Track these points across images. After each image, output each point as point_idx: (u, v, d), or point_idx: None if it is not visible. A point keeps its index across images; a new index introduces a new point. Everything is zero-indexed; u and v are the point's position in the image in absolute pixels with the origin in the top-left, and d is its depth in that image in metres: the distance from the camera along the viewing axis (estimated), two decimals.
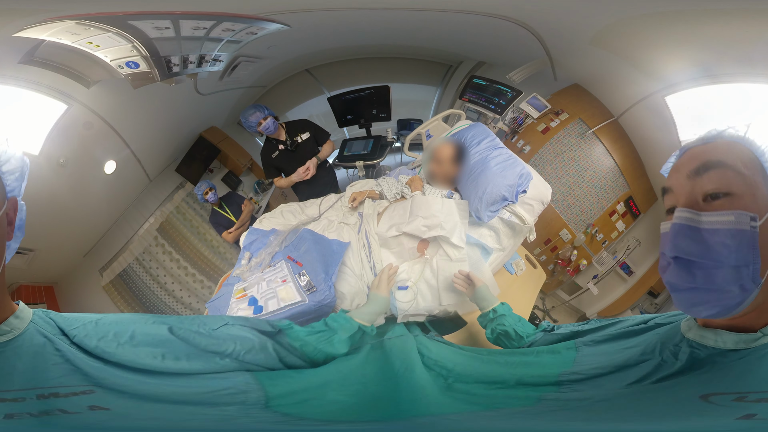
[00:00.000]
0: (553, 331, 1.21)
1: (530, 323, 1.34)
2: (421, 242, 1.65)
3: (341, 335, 1.12)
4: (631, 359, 0.83)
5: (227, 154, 2.84)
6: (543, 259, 2.61)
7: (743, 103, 1.88)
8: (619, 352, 0.89)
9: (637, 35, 2.05)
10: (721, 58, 1.89)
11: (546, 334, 1.22)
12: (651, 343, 0.85)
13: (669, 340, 0.82)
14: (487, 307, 1.39)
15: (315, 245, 1.64)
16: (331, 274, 1.47)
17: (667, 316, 0.95)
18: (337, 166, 2.85)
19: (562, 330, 1.19)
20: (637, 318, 1.02)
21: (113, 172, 2.32)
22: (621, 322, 1.03)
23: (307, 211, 2.06)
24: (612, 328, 1.02)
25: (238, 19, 2.12)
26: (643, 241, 2.58)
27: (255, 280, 1.59)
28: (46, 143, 1.99)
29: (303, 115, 2.79)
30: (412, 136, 2.40)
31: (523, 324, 1.31)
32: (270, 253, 1.73)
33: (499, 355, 1.11)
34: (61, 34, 1.85)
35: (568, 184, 2.54)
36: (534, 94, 2.58)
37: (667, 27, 1.96)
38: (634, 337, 0.93)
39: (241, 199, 2.83)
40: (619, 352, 0.88)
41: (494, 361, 1.06)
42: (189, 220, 2.79)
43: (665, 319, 0.93)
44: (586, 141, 2.51)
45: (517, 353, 1.13)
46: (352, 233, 1.73)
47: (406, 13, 2.24)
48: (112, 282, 2.53)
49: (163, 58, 2.11)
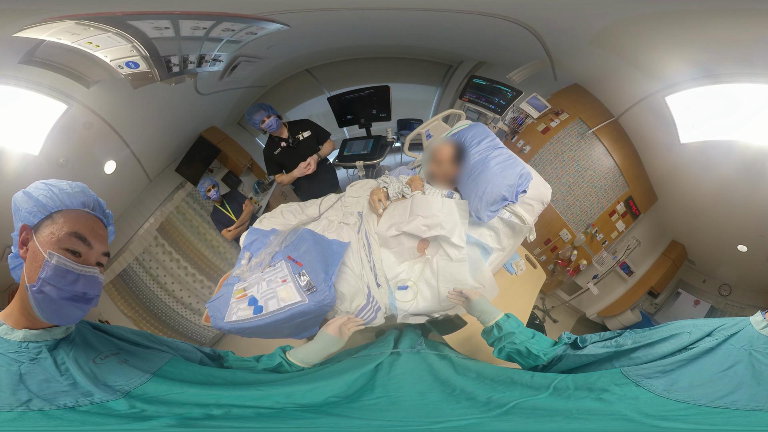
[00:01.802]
0: (581, 347, 1.10)
1: (546, 337, 1.21)
2: (421, 242, 1.65)
3: (259, 367, 1.19)
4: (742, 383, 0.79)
5: (227, 154, 2.84)
6: (543, 259, 2.61)
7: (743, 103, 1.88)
8: (719, 375, 0.82)
9: (638, 35, 2.05)
10: (721, 58, 1.89)
11: (573, 354, 1.10)
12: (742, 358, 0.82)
13: (760, 346, 0.82)
14: (489, 320, 1.27)
15: (315, 245, 1.64)
16: (331, 274, 1.47)
17: (733, 323, 0.91)
18: (337, 166, 2.85)
19: (592, 349, 1.07)
20: (683, 330, 0.95)
21: (113, 172, 2.32)
22: (668, 340, 0.95)
23: (307, 211, 2.06)
24: (663, 347, 0.94)
25: (237, 19, 2.12)
26: (643, 241, 2.58)
27: (255, 280, 1.59)
28: (46, 143, 1.99)
29: (303, 114, 2.80)
30: (412, 136, 2.40)
31: (538, 339, 1.19)
32: (270, 253, 1.73)
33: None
34: (61, 34, 1.85)
35: (568, 184, 2.54)
36: (534, 94, 2.58)
37: (667, 27, 1.96)
38: (708, 354, 0.87)
39: (243, 198, 2.83)
40: (720, 376, 0.82)
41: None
42: (189, 220, 2.79)
43: (732, 328, 0.90)
44: (586, 141, 2.51)
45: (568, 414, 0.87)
46: (352, 233, 1.73)
47: (407, 13, 2.24)
48: (112, 282, 2.53)
49: (162, 58, 2.11)
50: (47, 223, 0.87)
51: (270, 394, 0.92)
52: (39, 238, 0.86)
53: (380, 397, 0.98)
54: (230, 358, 1.21)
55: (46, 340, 0.88)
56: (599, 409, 0.83)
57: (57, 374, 0.82)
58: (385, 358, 1.20)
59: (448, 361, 1.20)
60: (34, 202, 0.87)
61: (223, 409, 0.83)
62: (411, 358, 1.22)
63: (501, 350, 1.22)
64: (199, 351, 1.16)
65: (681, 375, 0.86)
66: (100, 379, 0.84)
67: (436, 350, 1.32)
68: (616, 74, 2.30)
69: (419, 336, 1.51)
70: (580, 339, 1.14)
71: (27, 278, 0.86)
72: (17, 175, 1.91)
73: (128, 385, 0.85)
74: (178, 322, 2.69)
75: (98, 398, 0.79)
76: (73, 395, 0.78)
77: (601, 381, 0.92)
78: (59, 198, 0.90)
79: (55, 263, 0.84)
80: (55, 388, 0.79)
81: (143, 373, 0.90)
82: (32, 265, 0.85)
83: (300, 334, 1.45)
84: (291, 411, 0.87)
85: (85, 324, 1.02)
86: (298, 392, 0.94)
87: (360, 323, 1.36)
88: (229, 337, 2.45)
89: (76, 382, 0.82)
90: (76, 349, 0.89)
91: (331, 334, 1.28)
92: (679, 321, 1.01)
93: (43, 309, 0.85)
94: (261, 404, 0.87)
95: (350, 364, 1.20)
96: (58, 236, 0.86)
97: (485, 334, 1.30)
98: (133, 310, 2.59)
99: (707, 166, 2.11)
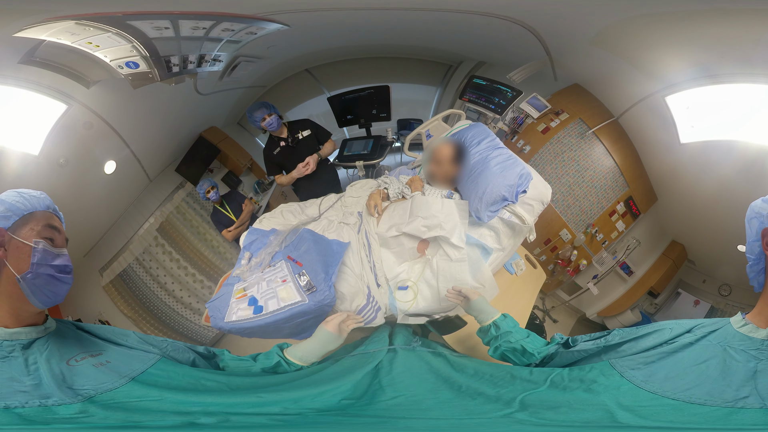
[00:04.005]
0: (572, 347, 1.14)
1: (539, 337, 1.24)
2: (421, 242, 1.65)
3: (257, 367, 1.19)
4: (713, 373, 0.83)
5: (227, 154, 2.84)
6: (543, 259, 2.61)
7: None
8: (692, 369, 0.87)
9: (637, 35, 2.05)
10: (721, 58, 1.89)
11: (565, 351, 1.15)
12: (717, 353, 0.86)
13: (735, 344, 0.86)
14: (486, 320, 1.29)
15: (315, 245, 1.64)
16: (330, 274, 1.47)
17: (713, 321, 0.96)
18: (337, 166, 2.85)
19: (583, 346, 1.12)
20: (665, 327, 0.99)
21: (113, 172, 2.32)
22: (651, 335, 1.00)
23: (307, 211, 2.06)
24: (646, 341, 0.98)
25: (237, 19, 2.12)
26: (643, 241, 2.58)
27: (255, 280, 1.59)
28: (46, 143, 1.99)
29: (303, 114, 2.80)
30: (412, 136, 2.40)
31: (533, 339, 1.22)
32: (270, 253, 1.73)
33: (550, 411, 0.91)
34: (60, 34, 1.85)
35: (568, 184, 2.54)
36: (534, 94, 2.58)
37: (667, 27, 1.96)
38: (687, 348, 0.91)
39: (243, 198, 2.83)
40: (692, 369, 0.87)
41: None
42: (189, 220, 2.79)
43: (711, 326, 0.95)
44: (586, 141, 2.51)
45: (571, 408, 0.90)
46: (352, 233, 1.73)
47: (407, 13, 2.24)
48: (112, 282, 2.53)
49: (162, 58, 2.11)
50: (22, 222, 0.98)
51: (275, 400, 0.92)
52: (20, 234, 0.96)
53: (396, 396, 0.99)
54: (225, 357, 1.21)
55: (21, 338, 0.91)
56: (588, 399, 0.87)
57: (24, 374, 0.84)
58: (383, 355, 1.21)
59: (443, 358, 1.20)
60: (8, 207, 0.97)
61: (215, 417, 0.82)
62: (407, 355, 1.23)
63: (497, 349, 1.25)
64: (192, 350, 1.16)
65: (660, 367, 0.91)
66: (68, 381, 0.86)
67: (430, 348, 1.33)
68: (616, 74, 2.30)
69: (411, 333, 1.51)
70: (571, 339, 1.18)
71: (16, 270, 0.93)
72: (17, 175, 1.91)
73: (95, 389, 0.85)
74: (178, 322, 2.69)
75: (53, 401, 0.79)
76: (28, 396, 0.80)
77: (592, 372, 0.97)
78: (30, 202, 1.02)
79: (42, 248, 0.97)
80: (15, 387, 0.81)
81: (120, 377, 0.91)
82: (19, 257, 0.95)
83: (300, 335, 1.45)
84: (313, 416, 0.87)
85: (69, 324, 1.05)
86: (307, 397, 0.93)
87: (359, 320, 1.36)
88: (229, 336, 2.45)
89: (41, 382, 0.83)
90: (50, 349, 0.93)
91: (330, 331, 1.28)
92: (664, 321, 1.05)
93: (37, 293, 0.95)
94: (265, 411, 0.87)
95: (351, 363, 1.20)
96: (37, 230, 0.99)
97: (481, 333, 1.32)
98: (133, 310, 2.59)
99: (707, 166, 2.11)
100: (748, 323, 0.91)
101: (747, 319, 0.93)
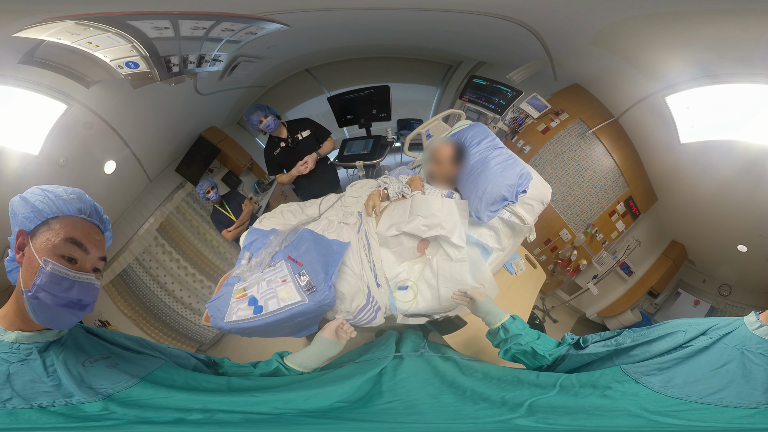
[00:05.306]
0: (583, 347, 1.13)
1: (550, 338, 1.23)
2: (421, 242, 1.65)
3: (256, 373, 1.19)
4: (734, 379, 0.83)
5: (227, 154, 2.84)
6: (543, 259, 2.61)
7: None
8: (712, 373, 0.86)
9: (637, 35, 2.05)
10: (721, 58, 1.89)
11: (575, 354, 1.13)
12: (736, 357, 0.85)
13: (753, 347, 0.86)
14: (494, 322, 1.27)
15: (315, 245, 1.64)
16: (330, 274, 1.47)
17: (727, 323, 0.94)
18: (337, 166, 2.85)
19: (593, 348, 1.10)
20: (678, 329, 0.98)
21: (113, 172, 2.32)
22: (664, 339, 0.98)
23: (307, 211, 2.06)
24: (660, 345, 0.97)
25: (237, 19, 2.12)
26: (643, 241, 2.58)
27: (255, 280, 1.59)
28: (46, 143, 1.98)
29: (303, 114, 2.79)
30: (412, 136, 2.40)
31: (543, 340, 1.21)
32: (270, 252, 1.73)
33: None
34: (60, 34, 1.85)
35: (568, 184, 2.54)
36: (534, 94, 2.58)
37: (667, 27, 1.95)
38: (703, 353, 0.90)
39: (242, 198, 2.83)
40: (713, 374, 0.86)
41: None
42: (189, 220, 2.79)
43: (726, 327, 0.93)
44: (586, 141, 2.51)
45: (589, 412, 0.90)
46: (351, 233, 1.73)
47: (407, 13, 2.24)
48: (112, 282, 2.53)
49: (162, 58, 2.11)
50: (43, 229, 0.88)
51: (267, 399, 0.92)
52: (35, 243, 0.87)
53: (392, 401, 0.98)
54: (226, 365, 1.21)
55: (38, 342, 0.89)
56: (605, 405, 0.86)
57: (44, 375, 0.84)
58: (389, 362, 1.20)
59: (453, 362, 1.20)
60: (31, 208, 0.88)
61: (205, 414, 0.83)
62: (415, 361, 1.22)
63: (507, 351, 1.23)
64: (193, 357, 1.16)
65: (677, 372, 0.90)
66: (86, 381, 0.86)
67: (440, 352, 1.32)
68: (616, 74, 2.30)
69: (421, 338, 1.50)
70: (582, 339, 1.17)
71: (23, 283, 0.86)
72: (17, 175, 1.91)
73: (113, 388, 0.86)
74: (178, 322, 2.69)
75: (76, 399, 0.80)
76: (53, 396, 0.80)
77: (604, 378, 0.95)
78: (55, 204, 0.90)
79: (50, 270, 0.85)
80: (39, 389, 0.81)
81: (131, 377, 0.91)
82: (28, 270, 0.86)
83: (299, 333, 1.45)
84: (290, 417, 0.86)
85: (79, 328, 1.03)
86: (299, 398, 0.93)
87: (352, 331, 1.32)
88: (229, 337, 2.45)
89: (61, 383, 0.83)
90: (66, 351, 0.91)
91: (327, 338, 1.27)
92: (676, 320, 1.04)
93: (37, 314, 0.86)
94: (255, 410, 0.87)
95: (353, 369, 1.20)
96: (54, 242, 0.87)
97: (491, 336, 1.30)
98: (133, 310, 2.58)
99: (707, 166, 2.11)
100: (763, 325, 0.90)
101: (761, 320, 0.92)
